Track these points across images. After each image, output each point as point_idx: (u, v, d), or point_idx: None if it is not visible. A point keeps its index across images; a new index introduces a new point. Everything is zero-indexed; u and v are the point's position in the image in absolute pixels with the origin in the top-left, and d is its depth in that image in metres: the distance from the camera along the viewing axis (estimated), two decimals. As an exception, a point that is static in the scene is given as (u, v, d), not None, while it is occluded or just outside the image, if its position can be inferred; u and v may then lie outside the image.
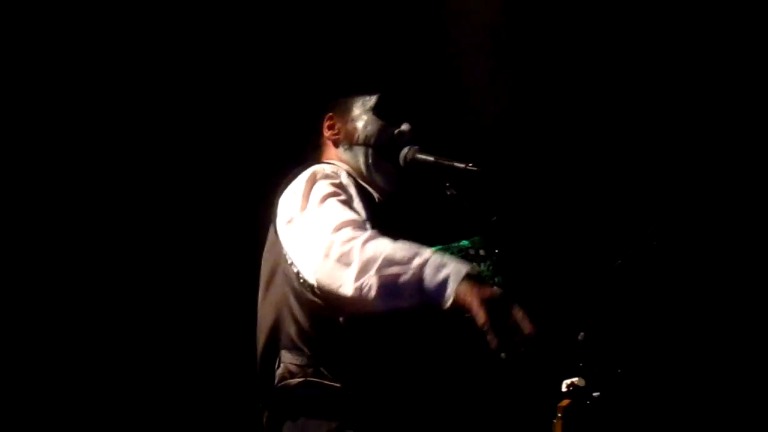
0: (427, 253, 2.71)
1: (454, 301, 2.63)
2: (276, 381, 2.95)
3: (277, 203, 3.03)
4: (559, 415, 2.83)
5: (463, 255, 3.01)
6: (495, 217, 3.01)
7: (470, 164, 3.03)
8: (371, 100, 3.22)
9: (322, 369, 2.91)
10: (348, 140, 3.20)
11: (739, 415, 4.44)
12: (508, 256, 3.00)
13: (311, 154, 3.25)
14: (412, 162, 3.14)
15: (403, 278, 2.68)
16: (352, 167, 3.18)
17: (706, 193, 4.57)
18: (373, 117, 3.20)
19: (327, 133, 3.25)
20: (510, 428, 3.03)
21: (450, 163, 3.07)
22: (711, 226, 4.54)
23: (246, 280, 3.24)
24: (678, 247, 4.42)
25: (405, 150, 3.15)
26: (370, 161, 3.17)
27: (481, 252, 3.00)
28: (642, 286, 4.13)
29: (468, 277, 2.65)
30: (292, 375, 2.93)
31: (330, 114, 3.26)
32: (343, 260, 2.74)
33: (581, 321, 2.95)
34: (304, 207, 2.94)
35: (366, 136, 3.18)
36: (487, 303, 2.60)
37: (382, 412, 2.90)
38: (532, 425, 3.01)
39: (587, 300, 3.12)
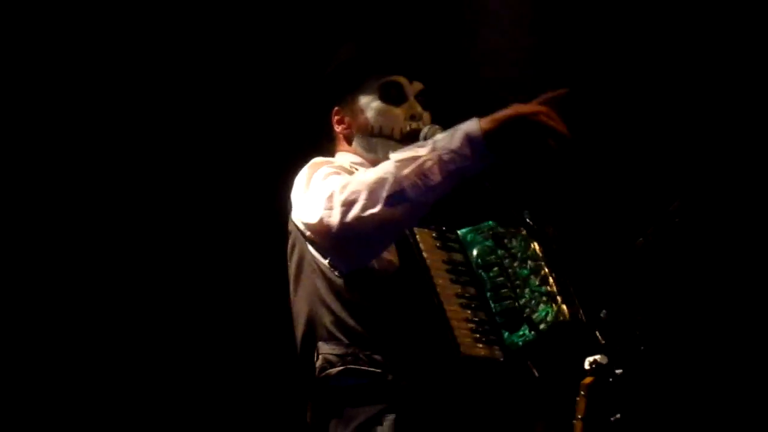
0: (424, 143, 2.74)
1: (493, 131, 2.64)
2: (316, 372, 2.97)
3: (290, 198, 3.05)
4: (582, 392, 2.82)
5: (492, 233, 3.01)
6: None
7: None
8: (374, 86, 3.17)
9: (360, 356, 2.92)
10: (362, 133, 3.17)
11: (761, 392, 4.43)
12: (543, 233, 3.00)
13: (324, 150, 3.23)
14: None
15: (426, 166, 2.71)
16: (368, 160, 3.15)
17: (726, 170, 4.55)
18: (382, 104, 3.15)
19: (338, 128, 3.21)
20: (533, 405, 3.02)
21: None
22: (733, 203, 4.53)
23: (266, 279, 3.25)
24: (701, 225, 4.40)
25: (425, 129, 3.11)
26: (389, 152, 3.08)
27: (511, 229, 3.01)
28: (664, 264, 4.11)
29: (479, 120, 2.67)
30: (332, 365, 2.95)
31: (336, 108, 3.22)
32: (358, 189, 2.76)
33: (604, 298, 2.94)
34: (305, 188, 2.96)
35: (380, 126, 3.14)
36: (516, 109, 2.61)
37: (423, 395, 2.91)
38: (556, 403, 3.00)
39: (610, 277, 3.11)
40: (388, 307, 2.91)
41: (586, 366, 2.86)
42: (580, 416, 2.81)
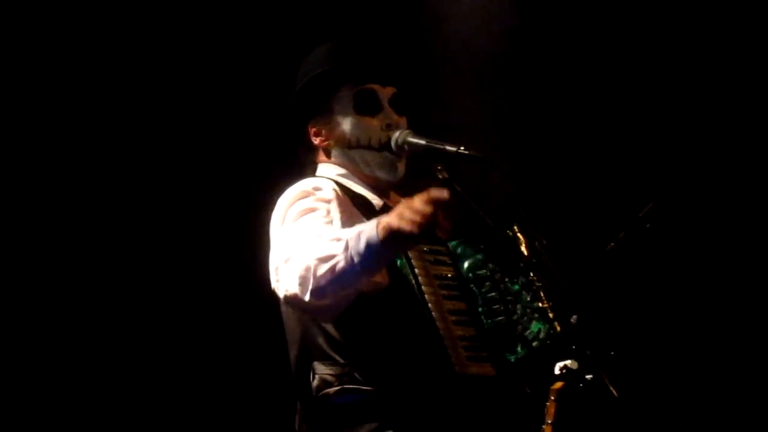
0: (345, 234, 2.75)
1: (386, 246, 2.69)
2: (313, 392, 2.96)
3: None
4: (552, 397, 2.83)
5: (484, 247, 3.01)
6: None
7: (462, 147, 3.01)
8: (348, 97, 3.15)
9: (356, 375, 2.92)
10: (340, 145, 3.15)
11: (733, 396, 4.45)
12: (533, 246, 3.00)
13: (307, 160, 3.22)
14: (404, 146, 3.11)
15: (339, 267, 2.73)
16: (350, 171, 3.14)
17: (698, 175, 4.57)
18: (357, 116, 3.13)
19: (316, 140, 3.18)
20: (504, 411, 3.02)
21: (442, 146, 3.03)
22: (703, 208, 4.55)
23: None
24: (671, 230, 4.42)
25: (396, 134, 3.11)
26: (369, 161, 3.13)
27: (501, 242, 2.99)
28: (635, 269, 4.13)
29: (378, 224, 2.69)
30: (329, 384, 2.95)
31: (312, 120, 3.19)
32: (289, 279, 2.80)
33: (574, 304, 2.94)
34: (280, 225, 2.97)
35: (357, 138, 3.12)
36: (401, 216, 2.66)
37: (418, 412, 2.90)
38: (526, 408, 3.01)
39: (580, 283, 3.11)
40: (381, 325, 2.91)
41: (556, 371, 2.86)
42: (550, 421, 2.81)
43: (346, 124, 3.14)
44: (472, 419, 2.95)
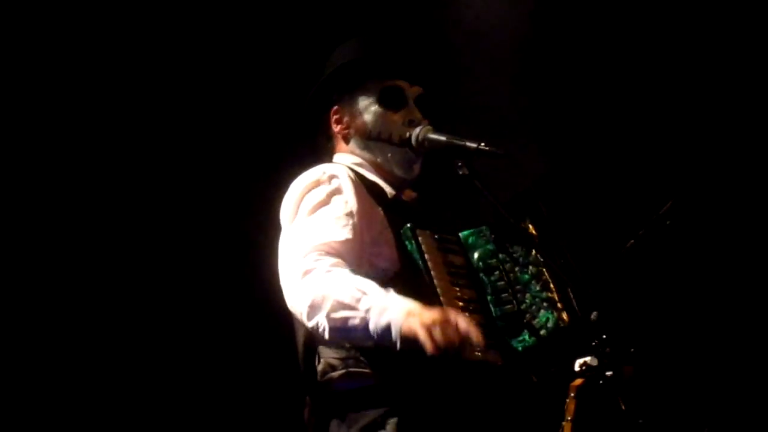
0: (373, 293, 2.75)
1: (403, 342, 2.70)
2: (318, 376, 2.97)
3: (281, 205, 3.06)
4: (572, 394, 2.82)
5: (495, 237, 3.01)
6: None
7: (482, 144, 3.02)
8: (375, 89, 3.17)
9: (361, 359, 2.93)
10: (360, 135, 3.17)
11: (750, 396, 4.44)
12: (544, 238, 3.00)
13: (323, 148, 3.23)
14: (424, 142, 3.12)
15: (351, 322, 2.75)
16: (366, 161, 3.16)
17: (716, 174, 4.55)
18: (380, 109, 3.15)
19: (336, 127, 3.20)
20: (510, 399, 3.02)
21: (462, 142, 3.05)
22: (722, 206, 4.53)
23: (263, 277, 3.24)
24: (691, 228, 4.41)
25: (417, 130, 3.13)
26: (388, 155, 3.14)
27: (512, 232, 3.00)
28: (655, 266, 4.12)
29: (409, 315, 2.69)
30: (334, 368, 2.95)
31: (335, 108, 3.21)
32: (301, 294, 2.81)
33: (594, 300, 2.94)
34: (293, 218, 2.99)
35: (379, 131, 3.15)
36: (432, 329, 2.64)
37: (424, 398, 2.90)
38: (532, 396, 3.00)
39: (600, 279, 3.10)
40: None
41: (576, 368, 2.86)
42: (569, 418, 2.81)
43: (369, 115, 3.16)
44: (477, 406, 2.95)
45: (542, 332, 2.93)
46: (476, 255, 3.02)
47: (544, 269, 3.00)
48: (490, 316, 2.96)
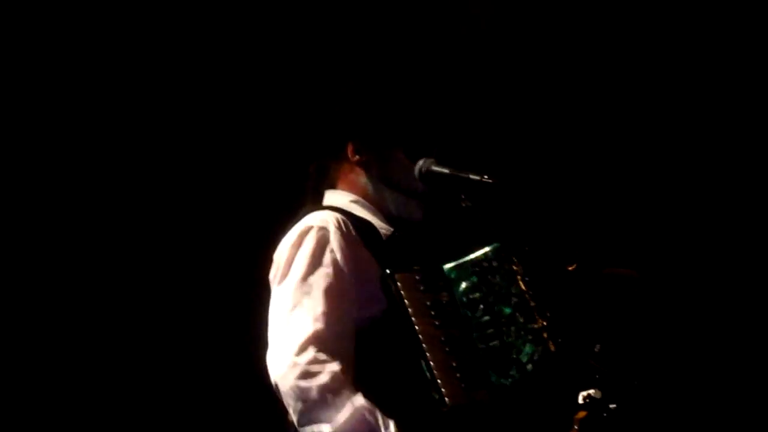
0: (381, 427, 2.78)
1: None
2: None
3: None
4: (576, 427, 2.82)
5: (477, 269, 2.99)
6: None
7: (485, 176, 3.02)
8: (402, 143, 3.16)
9: None
10: (379, 178, 3.16)
11: (755, 425, 4.43)
12: (528, 266, 2.99)
13: (326, 175, 3.22)
14: (428, 174, 3.13)
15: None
16: (367, 198, 3.16)
17: (718, 206, 4.56)
18: (407, 161, 3.14)
19: (354, 156, 3.18)
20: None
21: (465, 175, 3.05)
22: (726, 239, 4.54)
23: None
24: (695, 259, 4.41)
25: (420, 162, 3.12)
26: (399, 204, 3.15)
27: (494, 264, 2.99)
28: (659, 298, 4.12)
29: None
30: None
31: (356, 140, 3.19)
32: (301, 395, 2.81)
33: (597, 332, 2.94)
34: (281, 280, 2.98)
35: (399, 180, 3.14)
36: None
37: (401, 411, 2.88)
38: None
39: (603, 311, 3.11)
40: (371, 360, 2.91)
41: (580, 400, 2.85)
42: (573, 450, 2.81)
43: (396, 165, 3.16)
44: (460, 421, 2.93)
45: (528, 366, 2.90)
46: (460, 289, 3.00)
47: (528, 298, 2.97)
48: (476, 354, 2.94)
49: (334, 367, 2.82)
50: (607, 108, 4.65)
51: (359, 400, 2.81)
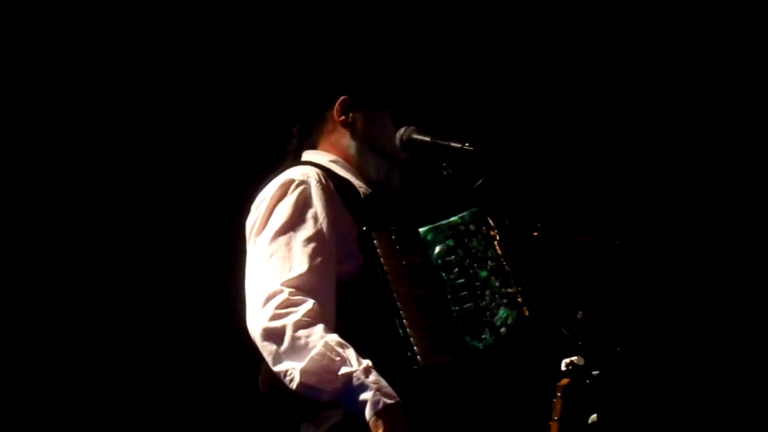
0: (354, 363, 2.76)
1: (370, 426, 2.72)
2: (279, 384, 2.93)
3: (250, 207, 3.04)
4: (559, 394, 2.82)
5: (453, 233, 3.00)
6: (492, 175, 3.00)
7: (467, 144, 3.02)
8: (393, 105, 3.17)
9: None
10: (363, 140, 3.15)
11: (737, 395, 4.44)
12: (507, 231, 2.99)
13: (313, 123, 3.20)
14: (409, 142, 3.12)
15: (326, 385, 2.75)
16: (347, 159, 3.15)
17: (705, 175, 4.56)
18: (393, 127, 3.14)
19: (340, 116, 3.17)
20: (509, 408, 3.02)
21: (446, 143, 3.05)
22: (710, 206, 4.54)
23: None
24: (677, 227, 4.41)
25: (401, 130, 3.13)
26: (379, 168, 3.14)
27: (471, 227, 2.99)
28: (641, 265, 4.12)
29: (385, 410, 2.72)
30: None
31: (346, 98, 3.18)
32: (273, 336, 2.80)
33: (580, 299, 2.94)
34: (259, 232, 2.96)
35: (382, 144, 3.14)
36: None
37: (376, 367, 2.85)
38: (532, 404, 3.00)
39: (586, 278, 3.10)
40: (347, 317, 2.90)
41: (563, 367, 2.86)
42: (556, 417, 2.81)
43: (382, 129, 3.16)
44: (439, 410, 2.95)
45: (502, 330, 2.91)
46: (435, 252, 3.01)
47: (504, 263, 2.97)
48: (451, 316, 2.95)
49: (309, 305, 2.81)
50: (587, 84, 4.65)
51: (333, 337, 2.79)
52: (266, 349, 2.81)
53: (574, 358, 2.86)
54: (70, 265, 4.53)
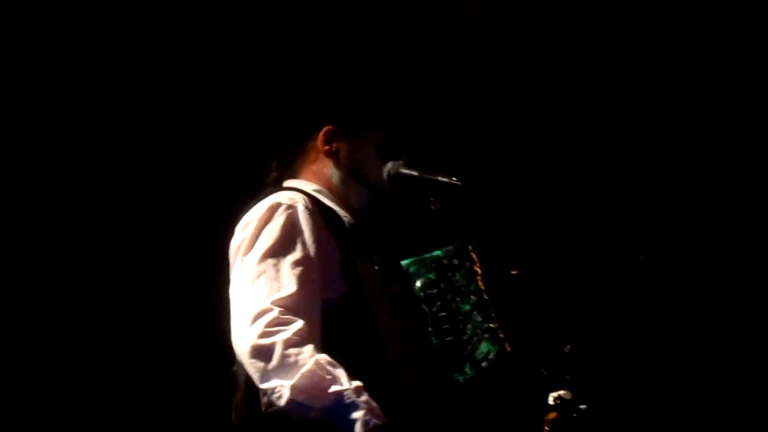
0: (345, 383, 2.74)
1: None
2: (263, 408, 2.91)
3: (234, 230, 3.02)
4: (546, 428, 2.83)
5: (436, 266, 3.01)
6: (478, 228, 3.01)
7: (454, 178, 3.03)
8: (378, 136, 3.16)
9: None
10: (347, 169, 3.14)
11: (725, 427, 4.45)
12: (491, 265, 3.00)
13: (294, 155, 3.20)
14: (396, 177, 3.12)
15: (315, 402, 2.73)
16: (330, 189, 3.14)
17: (690, 209, 4.58)
18: (378, 159, 3.13)
19: (324, 145, 3.17)
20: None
21: (434, 177, 3.06)
22: (696, 240, 4.55)
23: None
24: (664, 261, 4.43)
25: (389, 165, 3.12)
26: (363, 198, 3.13)
27: (455, 262, 3.00)
28: (629, 299, 4.13)
29: (375, 430, 2.70)
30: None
31: (331, 128, 3.17)
32: (262, 353, 2.77)
33: (568, 333, 2.94)
34: (246, 252, 2.94)
35: (366, 174, 3.13)
36: None
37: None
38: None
39: (574, 312, 3.11)
40: (332, 342, 2.87)
41: (550, 401, 2.86)
42: (544, 451, 2.81)
43: (366, 158, 3.15)
44: None
45: (483, 364, 2.91)
46: (418, 284, 3.01)
47: (486, 298, 2.97)
48: (432, 348, 2.95)
49: (299, 324, 2.79)
50: (570, 115, 4.67)
51: (323, 356, 2.77)
52: (254, 366, 2.78)
53: (561, 391, 2.86)
54: (63, 266, 4.53)
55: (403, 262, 3.04)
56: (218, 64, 4.55)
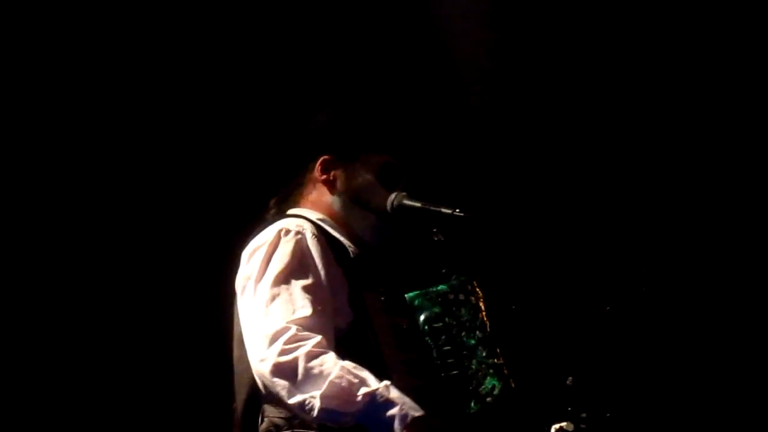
0: (374, 383, 2.73)
1: None
2: None
3: (240, 256, 3.01)
4: (549, 459, 2.83)
5: (441, 300, 3.01)
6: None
7: (457, 210, 3.03)
8: (377, 161, 3.15)
9: (306, 420, 2.85)
10: (347, 194, 3.13)
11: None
12: (493, 299, 3.00)
13: (291, 190, 3.20)
14: (399, 208, 3.13)
15: (348, 407, 2.72)
16: (333, 218, 3.13)
17: (694, 242, 4.59)
18: (377, 183, 3.13)
19: (321, 175, 3.15)
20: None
21: (437, 208, 3.05)
22: (697, 272, 4.56)
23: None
24: (667, 293, 4.43)
25: (392, 196, 3.11)
26: (366, 222, 3.12)
27: (461, 296, 3.00)
28: (631, 332, 4.14)
29: (414, 422, 2.69)
30: (278, 428, 2.89)
31: (328, 157, 3.16)
32: (285, 370, 2.76)
33: (570, 365, 2.95)
34: (259, 278, 2.93)
35: (368, 199, 3.12)
36: None
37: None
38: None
39: (576, 344, 3.12)
40: None
41: (552, 432, 2.87)
42: (546, 483, 2.81)
43: (365, 183, 3.13)
44: None
45: (488, 399, 2.91)
46: (422, 318, 3.01)
47: (492, 333, 2.97)
48: (436, 381, 2.94)
49: (317, 339, 2.78)
50: (568, 145, 4.68)
51: (347, 362, 2.76)
52: (278, 385, 2.77)
53: (563, 423, 2.86)
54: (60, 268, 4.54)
55: (408, 295, 3.03)
56: (213, 93, 4.58)
